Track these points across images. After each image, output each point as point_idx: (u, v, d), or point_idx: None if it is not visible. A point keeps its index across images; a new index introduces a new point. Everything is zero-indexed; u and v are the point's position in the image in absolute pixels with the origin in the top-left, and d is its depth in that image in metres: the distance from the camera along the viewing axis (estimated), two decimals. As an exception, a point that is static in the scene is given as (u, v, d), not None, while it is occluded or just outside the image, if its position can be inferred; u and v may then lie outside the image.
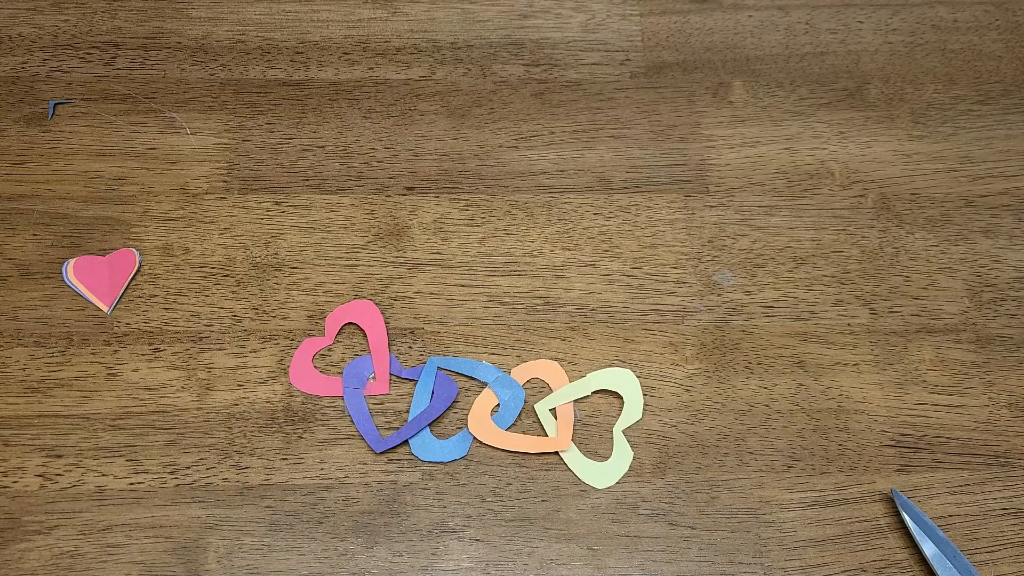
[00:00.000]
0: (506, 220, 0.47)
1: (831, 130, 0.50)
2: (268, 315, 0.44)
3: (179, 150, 0.48)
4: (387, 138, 0.49)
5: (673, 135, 0.50)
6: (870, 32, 0.54)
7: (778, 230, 0.48)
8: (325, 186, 0.48)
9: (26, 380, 0.43)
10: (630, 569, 0.40)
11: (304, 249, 0.46)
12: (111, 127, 0.49)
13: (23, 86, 0.50)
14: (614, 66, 0.52)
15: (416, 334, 0.44)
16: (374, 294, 0.45)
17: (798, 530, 0.41)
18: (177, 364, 0.43)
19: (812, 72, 0.52)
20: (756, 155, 0.50)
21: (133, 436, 0.42)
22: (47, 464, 0.41)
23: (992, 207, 0.49)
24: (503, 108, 0.50)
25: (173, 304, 0.45)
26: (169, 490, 0.41)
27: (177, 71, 0.51)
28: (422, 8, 0.54)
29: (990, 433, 0.43)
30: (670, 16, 0.54)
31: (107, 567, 0.39)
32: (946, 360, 0.45)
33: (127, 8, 0.53)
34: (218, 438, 0.42)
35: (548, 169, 0.49)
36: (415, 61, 0.52)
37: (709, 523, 0.41)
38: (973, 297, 0.46)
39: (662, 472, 0.42)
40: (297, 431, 0.42)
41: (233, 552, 0.39)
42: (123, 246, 0.46)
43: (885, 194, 0.49)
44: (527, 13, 0.54)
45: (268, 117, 0.50)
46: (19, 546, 0.39)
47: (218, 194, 0.47)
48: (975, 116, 0.51)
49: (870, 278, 0.46)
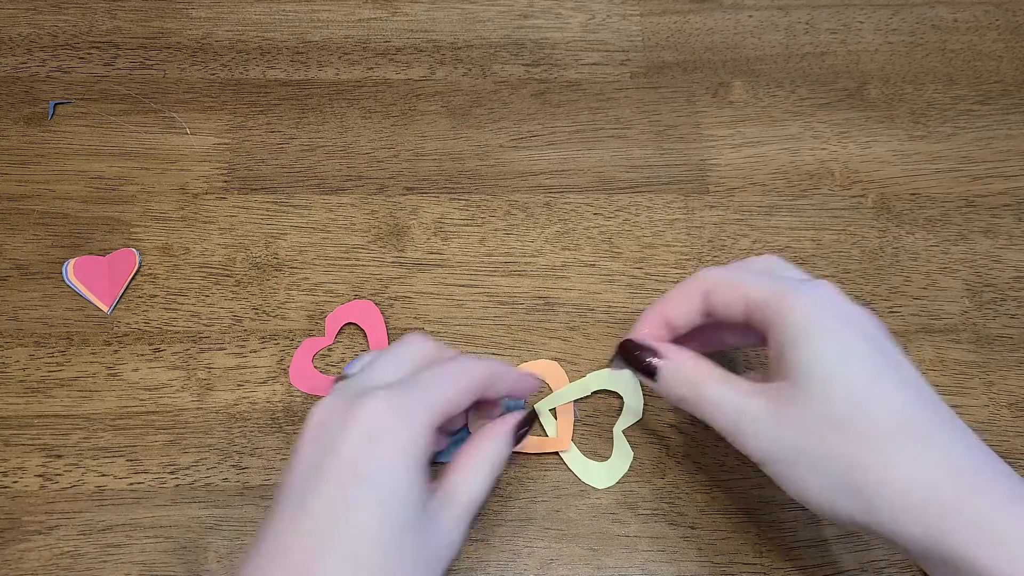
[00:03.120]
0: (506, 220, 0.47)
1: (831, 130, 0.50)
2: (268, 315, 0.44)
3: (179, 150, 0.48)
4: (387, 138, 0.49)
5: (673, 135, 0.50)
6: (870, 32, 0.54)
7: (778, 230, 0.48)
8: (325, 186, 0.48)
9: (26, 380, 0.43)
10: (630, 569, 0.40)
11: (304, 249, 0.46)
12: (111, 127, 0.49)
13: (23, 86, 0.50)
14: (614, 66, 0.52)
15: (416, 334, 0.44)
16: (374, 294, 0.45)
17: (798, 530, 0.41)
18: (177, 364, 0.43)
19: (812, 72, 0.52)
20: (756, 155, 0.50)
21: (133, 436, 0.42)
22: (47, 464, 0.41)
23: (992, 207, 0.49)
24: (503, 108, 0.50)
25: (173, 304, 0.45)
26: (169, 490, 0.41)
27: (177, 71, 0.51)
28: (422, 8, 0.54)
29: (990, 433, 0.43)
30: (670, 16, 0.54)
31: (107, 567, 0.39)
32: (946, 360, 0.45)
33: (127, 8, 0.53)
34: (218, 438, 0.42)
35: (548, 169, 0.49)
36: (415, 61, 0.52)
37: (709, 523, 0.41)
38: (973, 297, 0.46)
39: (662, 472, 0.42)
40: (297, 431, 0.42)
41: (233, 552, 0.39)
42: (123, 246, 0.46)
43: (885, 194, 0.49)
44: (527, 13, 0.54)
45: (268, 117, 0.50)
46: (19, 546, 0.39)
47: (218, 194, 0.47)
48: (975, 116, 0.51)
49: (870, 278, 0.46)
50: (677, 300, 0.36)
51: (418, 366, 0.35)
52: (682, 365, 0.35)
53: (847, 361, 0.31)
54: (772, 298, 0.32)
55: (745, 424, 0.32)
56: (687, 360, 0.35)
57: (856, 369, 0.31)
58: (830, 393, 0.30)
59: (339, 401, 0.33)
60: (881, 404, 0.30)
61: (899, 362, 0.32)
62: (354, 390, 0.33)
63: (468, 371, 0.34)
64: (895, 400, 0.30)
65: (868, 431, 0.30)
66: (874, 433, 0.30)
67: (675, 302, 0.36)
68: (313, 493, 0.30)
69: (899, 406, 0.30)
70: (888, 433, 0.30)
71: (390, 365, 0.35)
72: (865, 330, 0.32)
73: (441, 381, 0.34)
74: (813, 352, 0.31)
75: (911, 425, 0.30)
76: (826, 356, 0.31)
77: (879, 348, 0.32)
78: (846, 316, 0.32)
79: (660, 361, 0.35)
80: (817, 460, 0.31)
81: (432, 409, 0.32)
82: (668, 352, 0.36)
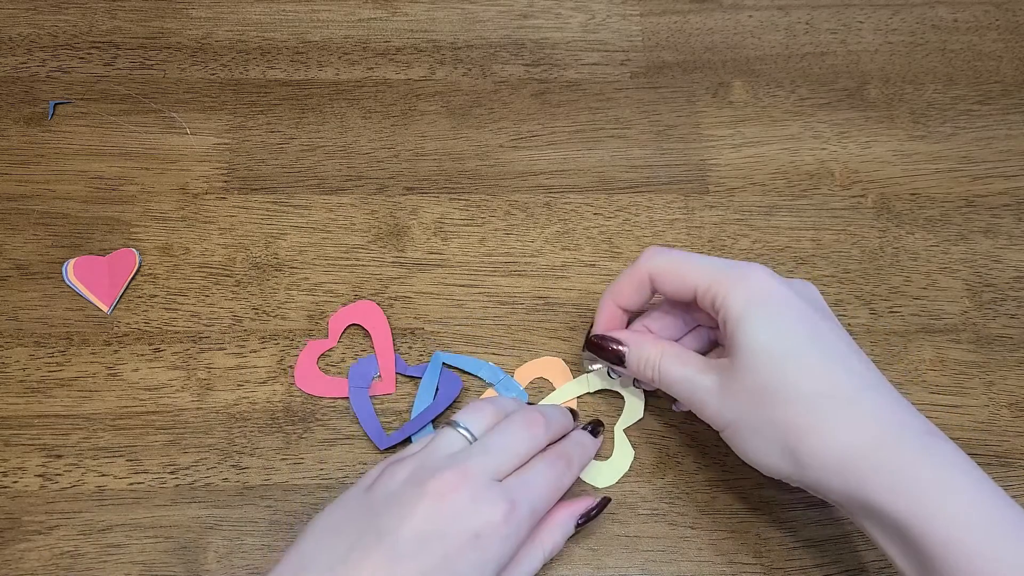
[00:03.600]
0: (506, 220, 0.47)
1: (831, 130, 0.50)
2: (268, 315, 0.44)
3: (179, 150, 0.48)
4: (387, 138, 0.49)
5: (673, 135, 0.50)
6: (870, 32, 0.54)
7: (778, 230, 0.48)
8: (325, 186, 0.48)
9: (26, 380, 0.43)
10: (630, 569, 0.40)
11: (304, 249, 0.46)
12: (111, 127, 0.49)
13: (23, 86, 0.50)
14: (614, 66, 0.52)
15: (416, 334, 0.44)
16: (374, 294, 0.45)
17: (798, 530, 0.41)
18: (177, 364, 0.43)
19: (812, 72, 0.52)
20: (756, 155, 0.50)
21: (133, 436, 0.42)
22: (47, 464, 0.41)
23: (992, 207, 0.49)
24: (503, 108, 0.50)
25: (173, 304, 0.45)
26: (169, 490, 0.41)
27: (177, 71, 0.51)
28: (422, 8, 0.54)
29: (990, 433, 0.43)
30: (670, 16, 0.54)
31: (107, 567, 0.39)
32: (946, 360, 0.45)
33: (127, 8, 0.53)
34: (218, 438, 0.42)
35: (548, 169, 0.49)
36: (415, 61, 0.52)
37: (709, 523, 0.41)
38: (973, 297, 0.46)
39: (662, 472, 0.42)
40: (297, 431, 0.42)
41: (233, 552, 0.39)
42: (123, 246, 0.46)
43: (885, 194, 0.49)
44: (527, 13, 0.54)
45: (268, 117, 0.50)
46: (19, 546, 0.39)
47: (218, 194, 0.47)
48: (975, 116, 0.51)
49: (870, 278, 0.46)
50: (626, 289, 0.39)
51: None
52: (643, 350, 0.39)
53: (776, 337, 0.34)
54: (713, 285, 0.36)
55: (700, 396, 0.37)
56: (647, 345, 0.39)
57: (783, 344, 0.34)
58: (761, 366, 0.34)
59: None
60: (804, 374, 0.34)
61: (825, 334, 0.35)
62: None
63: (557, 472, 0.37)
64: (817, 369, 0.34)
65: (794, 398, 0.34)
66: (799, 400, 0.34)
67: (624, 291, 0.39)
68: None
69: (821, 374, 0.34)
70: (811, 399, 0.33)
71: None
72: (795, 307, 0.35)
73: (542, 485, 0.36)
74: (747, 331, 0.35)
75: (833, 391, 0.33)
76: (758, 334, 0.34)
77: (806, 323, 0.35)
78: (777, 295, 0.35)
79: (625, 348, 0.39)
80: (756, 426, 0.35)
81: (537, 515, 0.36)
82: (630, 340, 0.40)
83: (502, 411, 0.38)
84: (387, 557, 0.32)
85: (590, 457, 0.40)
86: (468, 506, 0.33)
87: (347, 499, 0.35)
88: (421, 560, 0.32)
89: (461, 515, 0.33)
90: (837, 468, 0.33)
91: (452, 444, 0.36)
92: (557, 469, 0.37)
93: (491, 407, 0.38)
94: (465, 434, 0.36)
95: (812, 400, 0.33)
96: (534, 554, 0.36)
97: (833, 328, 0.36)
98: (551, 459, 0.37)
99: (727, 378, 0.35)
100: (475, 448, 0.35)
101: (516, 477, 0.35)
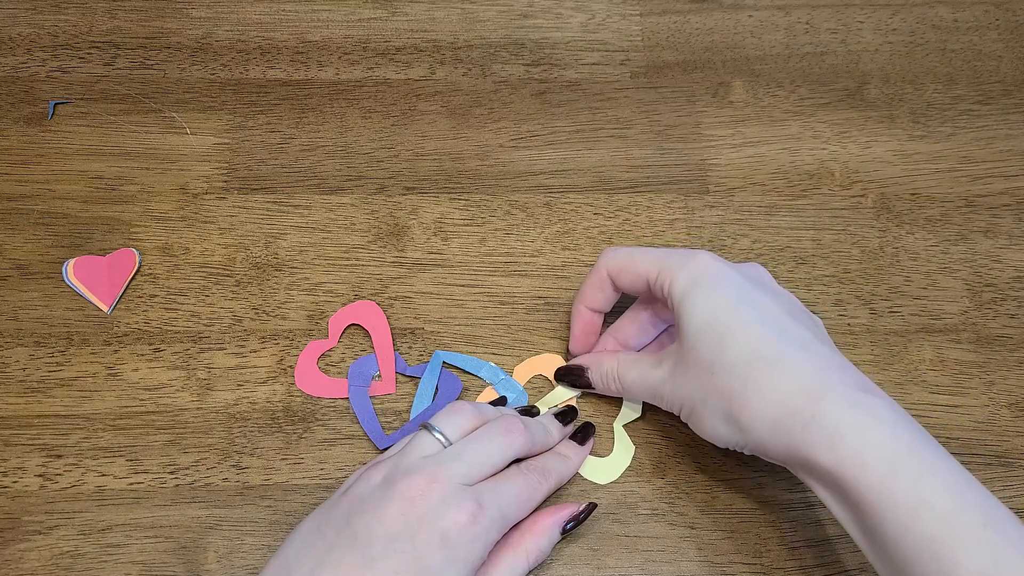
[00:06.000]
0: (506, 220, 0.47)
1: (831, 130, 0.50)
2: (268, 315, 0.44)
3: (179, 150, 0.48)
4: (387, 138, 0.49)
5: (673, 135, 0.50)
6: (870, 32, 0.54)
7: (778, 230, 0.48)
8: (325, 186, 0.48)
9: (26, 380, 0.43)
10: (630, 569, 0.40)
11: (304, 249, 0.46)
12: (111, 127, 0.49)
13: (23, 86, 0.50)
14: (614, 66, 0.52)
15: (416, 334, 0.44)
16: (374, 294, 0.45)
17: (798, 530, 0.41)
18: (177, 364, 0.43)
19: (812, 72, 0.52)
20: (756, 155, 0.50)
21: (133, 436, 0.42)
22: (47, 464, 0.41)
23: (992, 207, 0.49)
24: (503, 108, 0.50)
25: (173, 304, 0.45)
26: (169, 490, 0.41)
27: (177, 71, 0.51)
28: (422, 8, 0.54)
29: (990, 433, 0.43)
30: (670, 16, 0.54)
31: (107, 567, 0.39)
32: (946, 360, 0.45)
33: (127, 8, 0.53)
34: (218, 438, 0.42)
35: (548, 169, 0.49)
36: (415, 61, 0.52)
37: (709, 523, 0.41)
38: (973, 297, 0.46)
39: (662, 472, 0.42)
40: (297, 431, 0.42)
41: (233, 552, 0.39)
42: (123, 246, 0.46)
43: (885, 194, 0.49)
44: (527, 13, 0.54)
45: (268, 117, 0.50)
46: (19, 546, 0.39)
47: (218, 194, 0.47)
48: (975, 116, 0.51)
49: (870, 278, 0.46)
50: (590, 292, 0.41)
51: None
52: (601, 367, 0.41)
53: (712, 311, 0.36)
54: (662, 272, 0.37)
55: (656, 390, 0.38)
56: (604, 360, 0.41)
57: (719, 316, 0.35)
58: (700, 342, 0.35)
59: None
60: (737, 341, 0.35)
61: (758, 300, 0.36)
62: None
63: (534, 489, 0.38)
64: (750, 335, 0.35)
65: (730, 365, 0.35)
66: (734, 367, 0.35)
67: (589, 294, 0.41)
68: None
69: (753, 339, 0.35)
70: (744, 365, 0.34)
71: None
72: (732, 281, 0.36)
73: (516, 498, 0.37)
74: (687, 310, 0.36)
75: (761, 352, 0.34)
76: (696, 311, 0.36)
77: (741, 293, 0.36)
78: (716, 273, 0.37)
79: (588, 372, 0.41)
80: (704, 401, 0.36)
81: (507, 520, 0.36)
82: (589, 361, 0.41)
83: (481, 416, 0.38)
84: (361, 558, 0.33)
85: (572, 470, 0.40)
86: (436, 508, 0.33)
87: (327, 504, 0.36)
88: (393, 561, 0.32)
89: (428, 516, 0.33)
90: (772, 428, 0.34)
91: (426, 448, 0.36)
92: (531, 480, 0.37)
93: (470, 410, 0.38)
94: (440, 438, 0.36)
95: (744, 365, 0.34)
96: (517, 562, 0.36)
97: (773, 297, 0.37)
98: (525, 469, 0.37)
99: (675, 364, 0.37)
100: (448, 453, 0.36)
101: (487, 483, 0.36)
